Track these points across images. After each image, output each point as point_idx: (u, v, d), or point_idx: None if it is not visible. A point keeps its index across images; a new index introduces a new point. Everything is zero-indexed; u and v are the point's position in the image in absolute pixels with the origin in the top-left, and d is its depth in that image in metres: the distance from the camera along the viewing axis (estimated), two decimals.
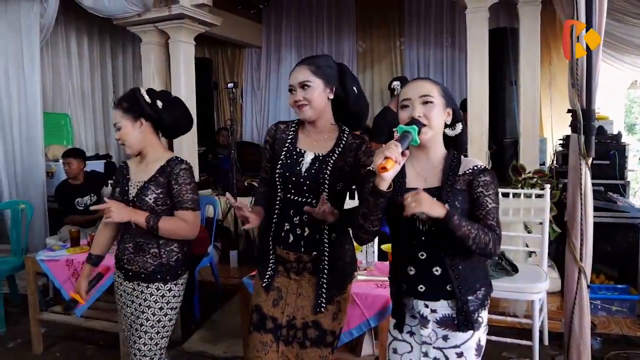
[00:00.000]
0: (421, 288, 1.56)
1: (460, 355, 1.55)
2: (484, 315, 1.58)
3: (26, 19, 4.69)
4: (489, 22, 4.17)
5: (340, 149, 1.82)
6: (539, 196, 3.14)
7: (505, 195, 3.26)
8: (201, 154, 5.91)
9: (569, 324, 2.10)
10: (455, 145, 1.62)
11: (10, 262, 3.93)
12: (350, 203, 2.04)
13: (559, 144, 4.97)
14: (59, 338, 3.49)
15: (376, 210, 1.48)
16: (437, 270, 1.53)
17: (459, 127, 1.60)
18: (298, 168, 1.82)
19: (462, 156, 1.59)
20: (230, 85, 4.76)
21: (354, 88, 1.88)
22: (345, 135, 1.86)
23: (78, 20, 5.77)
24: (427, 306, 1.56)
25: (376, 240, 2.75)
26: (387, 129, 1.91)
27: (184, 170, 2.00)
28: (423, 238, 1.53)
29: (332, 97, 1.83)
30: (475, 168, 1.53)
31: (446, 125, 1.59)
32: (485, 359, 3.11)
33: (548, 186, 3.08)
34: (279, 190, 1.86)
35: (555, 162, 4.91)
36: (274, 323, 1.86)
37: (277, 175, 1.84)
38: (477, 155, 4.04)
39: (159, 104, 2.07)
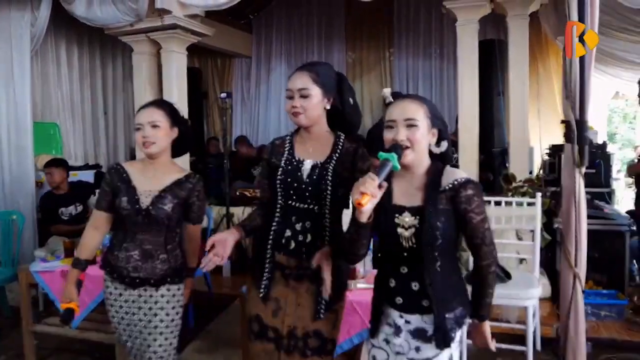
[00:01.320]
0: (398, 300, 1.59)
1: None
2: (459, 334, 1.60)
3: (17, 28, 4.68)
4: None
5: (337, 155, 1.85)
6: (530, 204, 3.21)
7: (498, 203, 3.33)
8: (191, 163, 5.90)
9: (565, 329, 2.15)
10: (441, 160, 1.64)
11: (1, 274, 3.89)
12: (347, 212, 2.07)
13: (546, 154, 5.08)
14: (52, 350, 3.44)
15: (359, 239, 1.52)
16: (415, 286, 1.56)
17: (444, 145, 1.61)
18: (299, 174, 1.83)
19: (448, 167, 1.60)
20: (223, 95, 4.79)
21: (350, 99, 1.91)
22: (341, 141, 1.88)
23: (68, 29, 5.74)
24: (401, 317, 1.60)
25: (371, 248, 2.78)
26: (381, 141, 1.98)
27: (202, 187, 2.12)
28: (405, 254, 1.56)
29: (328, 107, 1.85)
30: (456, 182, 1.52)
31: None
32: None
33: (539, 194, 3.15)
34: (280, 197, 1.86)
35: (542, 171, 5.01)
36: (275, 333, 1.87)
37: (278, 181, 1.85)
38: (468, 164, 4.12)
39: (189, 122, 2.18)
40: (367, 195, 1.37)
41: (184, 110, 5.05)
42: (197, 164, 6.41)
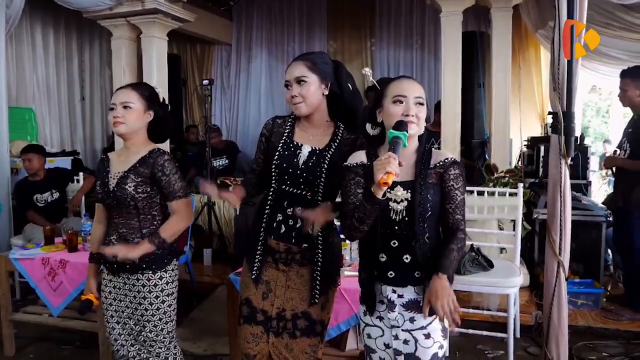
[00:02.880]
0: (391, 274, 1.65)
1: (427, 336, 1.63)
2: None
3: None
4: None
5: (336, 144, 1.87)
6: (511, 195, 3.27)
7: (480, 193, 3.39)
8: (171, 150, 5.83)
9: (548, 315, 2.21)
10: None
11: None
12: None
13: (525, 145, 5.17)
14: (31, 339, 3.38)
15: (373, 215, 1.54)
16: (407, 258, 1.63)
17: (423, 127, 1.69)
18: (295, 160, 1.85)
19: (433, 149, 1.70)
20: (205, 82, 4.73)
21: (349, 85, 1.92)
22: (340, 130, 1.91)
23: (44, 11, 5.58)
24: (394, 291, 1.65)
25: None
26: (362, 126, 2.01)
27: (167, 161, 2.01)
28: (396, 227, 1.62)
29: (327, 93, 1.87)
30: (446, 160, 1.64)
31: None
32: (460, 352, 3.24)
33: (521, 185, 3.21)
34: (274, 181, 1.89)
35: (520, 162, 5.10)
36: (264, 315, 1.90)
37: (273, 166, 1.87)
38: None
39: (169, 107, 2.12)
40: (392, 174, 1.43)
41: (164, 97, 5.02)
42: (176, 151, 6.35)
